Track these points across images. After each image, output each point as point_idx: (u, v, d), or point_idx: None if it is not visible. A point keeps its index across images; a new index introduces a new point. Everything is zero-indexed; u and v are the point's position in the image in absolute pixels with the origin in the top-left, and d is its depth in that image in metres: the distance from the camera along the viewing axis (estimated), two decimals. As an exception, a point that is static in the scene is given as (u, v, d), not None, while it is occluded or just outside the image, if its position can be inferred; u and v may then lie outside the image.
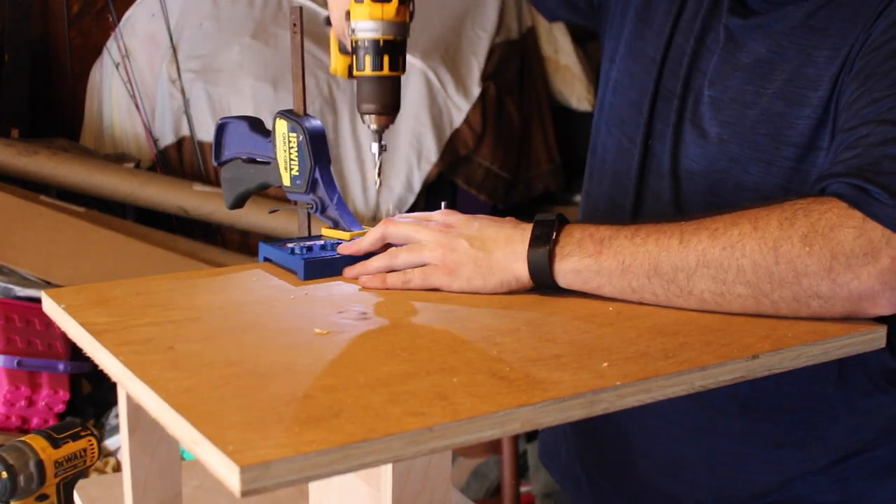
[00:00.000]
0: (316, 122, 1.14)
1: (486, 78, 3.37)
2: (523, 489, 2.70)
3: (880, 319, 0.93)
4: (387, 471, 0.75)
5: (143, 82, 3.49)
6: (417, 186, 3.30)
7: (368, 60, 1.10)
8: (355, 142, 3.29)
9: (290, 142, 1.14)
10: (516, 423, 0.72)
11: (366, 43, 1.09)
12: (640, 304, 0.97)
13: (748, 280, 0.91)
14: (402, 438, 0.67)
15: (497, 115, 3.39)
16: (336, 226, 1.15)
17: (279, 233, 3.00)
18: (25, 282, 2.64)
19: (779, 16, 1.12)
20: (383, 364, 0.80)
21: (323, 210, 1.15)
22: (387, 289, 1.02)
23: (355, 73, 1.12)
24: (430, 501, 0.77)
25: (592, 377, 0.78)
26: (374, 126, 1.13)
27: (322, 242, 1.12)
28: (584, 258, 0.97)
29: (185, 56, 3.38)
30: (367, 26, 1.09)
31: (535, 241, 0.99)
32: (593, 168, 1.34)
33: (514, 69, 3.50)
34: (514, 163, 3.47)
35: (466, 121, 3.31)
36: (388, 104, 1.12)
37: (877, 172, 0.91)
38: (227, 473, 0.63)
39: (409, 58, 1.14)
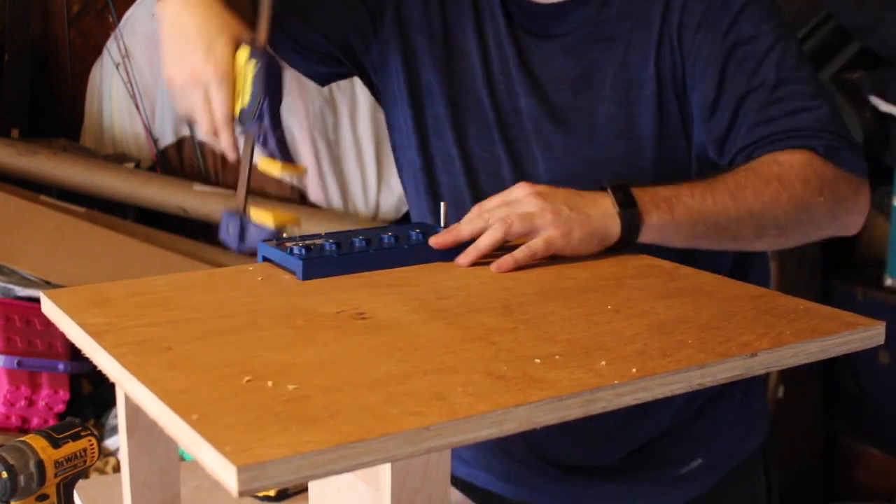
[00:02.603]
0: (276, 59, 1.13)
1: (485, 77, 3.37)
2: (524, 488, 2.69)
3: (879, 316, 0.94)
4: (385, 470, 0.75)
5: (143, 82, 3.49)
6: (417, 186, 3.30)
7: None
8: (355, 142, 3.29)
9: (246, 71, 1.12)
10: (514, 422, 0.72)
11: None
12: (693, 248, 1.15)
13: (779, 224, 1.16)
14: (399, 438, 0.67)
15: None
16: (272, 157, 1.15)
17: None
18: (25, 282, 2.65)
19: (565, 31, 1.28)
20: (381, 364, 0.80)
21: (265, 143, 1.14)
22: (518, 268, 1.06)
23: None
24: (430, 500, 0.77)
25: (590, 376, 0.78)
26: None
27: (321, 242, 1.11)
28: (661, 215, 1.10)
29: (185, 56, 3.38)
30: None
31: (623, 204, 1.09)
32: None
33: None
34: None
35: (466, 120, 3.31)
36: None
37: (830, 135, 1.19)
38: (225, 473, 0.63)
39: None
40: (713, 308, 0.95)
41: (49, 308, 0.98)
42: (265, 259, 1.12)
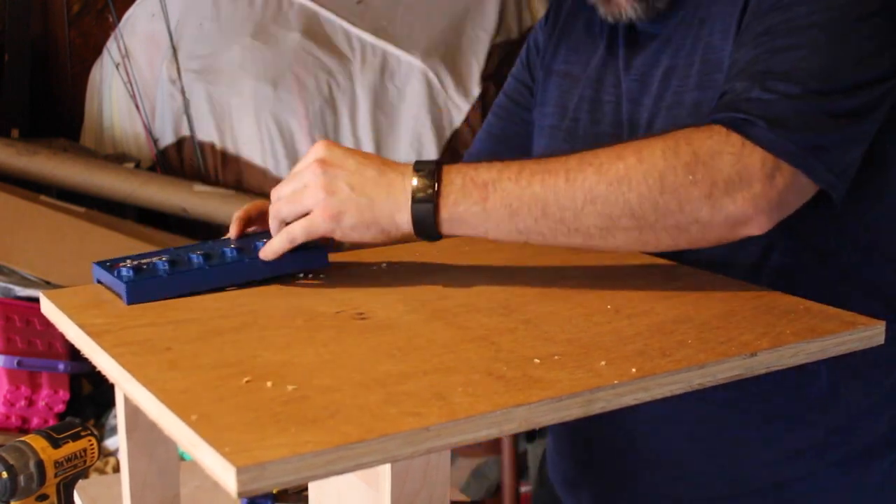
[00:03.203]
0: None
1: (486, 78, 3.38)
2: (523, 489, 2.70)
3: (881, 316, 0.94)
4: (385, 470, 0.75)
5: (143, 82, 3.49)
6: (417, 186, 3.30)
7: None
8: (355, 142, 3.29)
9: None
10: (514, 422, 0.72)
11: None
12: (525, 243, 0.98)
13: (634, 212, 0.94)
14: (399, 438, 0.67)
15: (497, 115, 3.39)
16: None
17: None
18: (25, 282, 2.65)
19: (664, 25, 1.18)
20: (380, 364, 0.80)
21: None
22: (276, 255, 1.00)
23: None
24: (430, 501, 0.77)
25: (590, 376, 0.78)
26: None
27: (156, 259, 1.02)
28: (470, 205, 0.95)
29: (185, 56, 3.39)
30: None
31: (417, 192, 0.95)
32: None
33: (514, 68, 3.50)
34: (514, 162, 3.47)
35: (466, 121, 3.31)
36: None
37: (753, 105, 0.96)
38: (224, 474, 0.63)
39: (409, 58, 1.13)
40: (713, 308, 0.95)
41: (49, 308, 0.98)
42: (99, 282, 1.03)
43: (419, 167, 0.97)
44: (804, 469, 1.17)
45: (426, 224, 0.96)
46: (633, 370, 0.79)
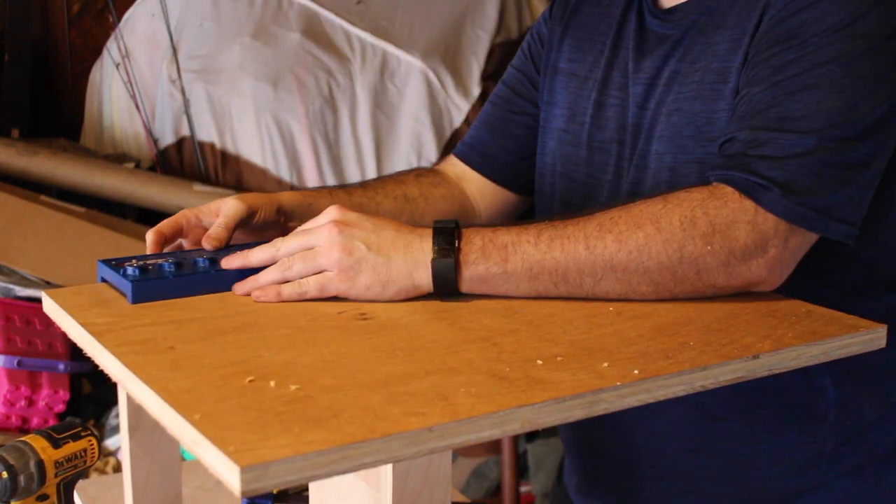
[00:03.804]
0: None
1: (486, 78, 3.38)
2: (523, 489, 2.70)
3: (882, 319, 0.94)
4: (387, 471, 0.75)
5: (143, 82, 3.49)
6: (417, 186, 3.30)
7: None
8: (355, 142, 3.29)
9: None
10: (516, 423, 0.72)
11: None
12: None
13: (653, 280, 0.96)
14: (401, 439, 0.67)
15: (497, 115, 3.39)
16: None
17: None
18: (25, 282, 2.65)
19: (679, 25, 1.16)
20: (383, 364, 0.80)
21: None
22: (282, 301, 0.97)
23: None
24: (431, 501, 0.77)
25: (592, 377, 0.78)
26: None
27: (161, 261, 1.02)
28: (490, 266, 0.96)
29: (185, 56, 3.39)
30: None
31: (439, 251, 0.96)
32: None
33: (514, 69, 3.50)
34: (514, 163, 3.47)
35: (466, 121, 3.31)
36: None
37: (766, 165, 0.97)
38: (227, 474, 0.63)
39: (409, 58, 1.13)
40: (715, 310, 0.96)
41: (51, 307, 0.98)
42: (103, 280, 1.04)
43: (440, 227, 0.97)
44: (816, 480, 1.16)
45: (447, 281, 0.96)
46: (636, 372, 0.79)
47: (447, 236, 0.97)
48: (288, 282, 0.98)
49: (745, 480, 1.18)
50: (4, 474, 1.07)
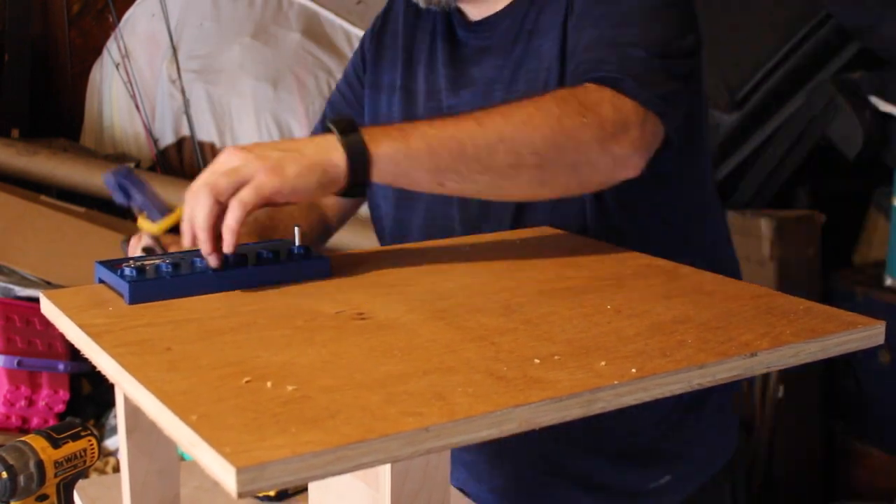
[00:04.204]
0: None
1: (485, 77, 3.37)
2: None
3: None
4: (385, 470, 0.75)
5: (143, 82, 3.49)
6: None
7: None
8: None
9: None
10: (513, 422, 0.72)
11: None
12: (440, 189, 1.05)
13: (538, 150, 1.04)
14: (399, 439, 0.67)
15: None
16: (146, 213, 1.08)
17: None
18: (25, 282, 2.65)
19: (498, 37, 1.29)
20: (380, 364, 0.80)
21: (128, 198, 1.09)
22: (237, 235, 0.96)
23: None
24: (429, 501, 0.77)
25: (590, 376, 0.78)
26: None
27: (159, 261, 1.02)
28: (394, 142, 1.00)
29: (185, 56, 3.39)
30: None
31: (344, 131, 0.99)
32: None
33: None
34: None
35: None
36: None
37: (615, 66, 1.12)
38: (224, 475, 0.63)
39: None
40: (713, 308, 0.95)
41: (48, 308, 0.98)
42: (101, 281, 1.04)
43: (336, 119, 1.01)
44: (666, 426, 1.33)
45: (361, 159, 0.98)
46: (634, 370, 0.79)
47: (348, 124, 1.00)
48: (220, 204, 0.96)
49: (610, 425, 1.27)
50: (4, 474, 1.07)
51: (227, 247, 0.98)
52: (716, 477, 1.40)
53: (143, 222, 1.04)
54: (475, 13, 1.33)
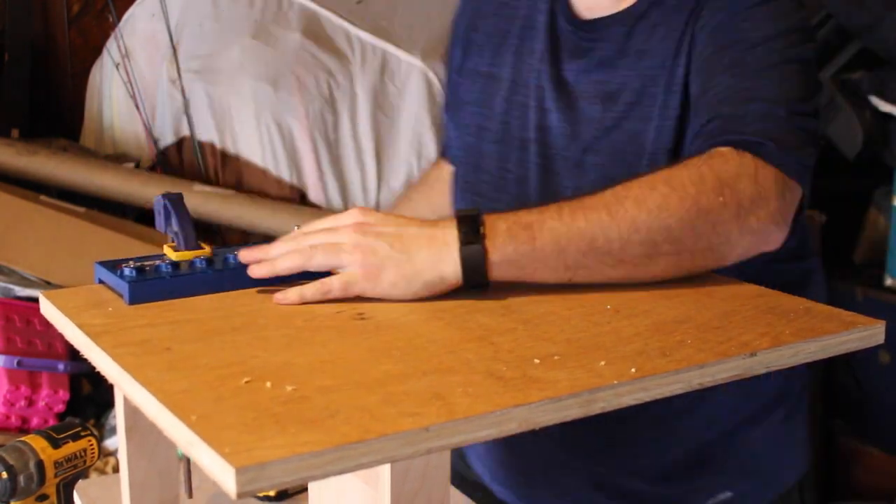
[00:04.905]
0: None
1: (485, 77, 3.37)
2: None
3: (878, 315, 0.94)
4: (385, 470, 0.75)
5: (143, 82, 3.49)
6: (418, 186, 3.30)
7: None
8: (355, 142, 3.29)
9: None
10: (513, 422, 0.72)
11: None
12: (570, 283, 0.99)
13: (674, 237, 0.98)
14: (397, 439, 0.67)
15: (497, 114, 3.38)
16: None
17: (279, 232, 2.99)
18: (25, 282, 2.65)
19: (604, 46, 1.22)
20: (379, 364, 0.80)
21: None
22: (304, 303, 0.96)
23: None
24: (429, 501, 0.77)
25: (590, 376, 0.78)
26: None
27: (166, 261, 1.02)
28: (518, 246, 0.96)
29: (185, 56, 3.38)
30: None
31: (464, 238, 0.95)
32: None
33: (513, 68, 3.50)
34: (515, 161, 3.47)
35: (466, 120, 3.31)
36: None
37: (755, 127, 1.05)
38: (223, 475, 0.63)
39: (409, 58, 1.15)
40: (713, 308, 0.95)
41: (48, 309, 0.98)
42: (101, 281, 1.04)
43: (463, 215, 0.97)
44: (717, 431, 1.25)
45: (476, 268, 0.95)
46: (633, 370, 0.79)
47: (471, 224, 0.96)
48: (306, 271, 0.98)
49: (661, 435, 1.24)
50: (4, 474, 1.07)
51: (280, 301, 0.97)
52: (785, 496, 1.32)
53: (167, 249, 1.05)
54: (586, 10, 1.25)
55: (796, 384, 1.33)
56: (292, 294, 0.96)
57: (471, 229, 0.96)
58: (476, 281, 0.96)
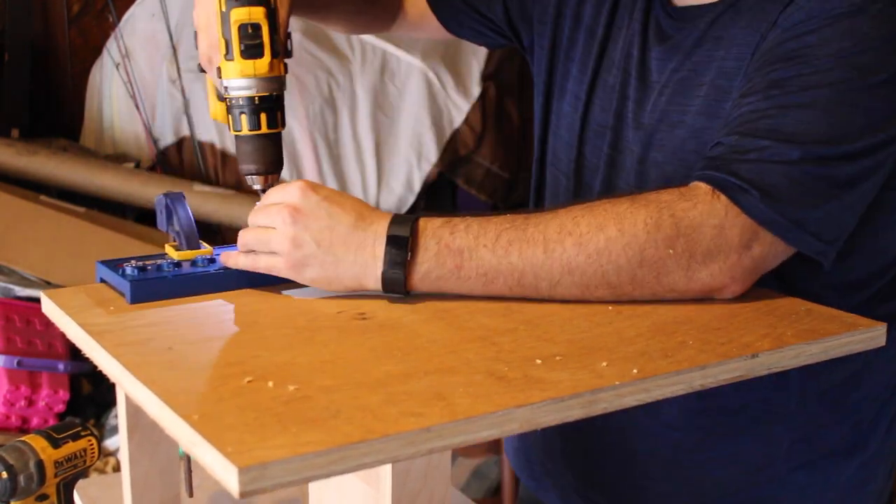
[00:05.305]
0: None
1: (486, 78, 3.37)
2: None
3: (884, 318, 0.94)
4: (386, 471, 0.75)
5: (143, 82, 3.49)
6: (417, 186, 3.30)
7: (245, 120, 1.05)
8: (355, 142, 3.29)
9: None
10: (514, 423, 0.72)
11: (240, 101, 1.04)
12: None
13: (610, 282, 0.95)
14: (399, 439, 0.67)
15: (497, 115, 3.39)
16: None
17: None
18: (25, 282, 2.65)
19: (686, 32, 1.14)
20: (381, 364, 0.80)
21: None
22: (237, 267, 1.00)
23: (232, 131, 1.08)
24: (430, 501, 0.77)
25: (591, 377, 0.78)
26: (258, 186, 1.09)
27: (161, 261, 1.03)
28: (443, 272, 0.95)
29: (185, 56, 3.38)
30: (240, 84, 1.04)
31: (391, 259, 0.94)
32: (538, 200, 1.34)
33: (514, 69, 3.50)
34: (515, 163, 3.48)
35: (466, 121, 3.31)
36: (269, 162, 1.07)
37: (750, 168, 0.96)
38: (226, 474, 0.63)
39: (409, 58, 1.13)
40: (714, 309, 0.95)
41: (49, 308, 0.98)
42: (102, 280, 1.04)
43: (393, 234, 0.95)
44: (769, 475, 1.17)
45: (397, 287, 0.96)
46: (635, 371, 0.79)
47: (400, 245, 0.95)
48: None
49: (699, 481, 1.18)
50: (4, 474, 1.07)
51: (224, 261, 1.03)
52: None
53: (169, 248, 1.05)
54: None
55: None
56: (229, 256, 1.02)
57: (399, 253, 0.94)
58: (396, 293, 0.97)
